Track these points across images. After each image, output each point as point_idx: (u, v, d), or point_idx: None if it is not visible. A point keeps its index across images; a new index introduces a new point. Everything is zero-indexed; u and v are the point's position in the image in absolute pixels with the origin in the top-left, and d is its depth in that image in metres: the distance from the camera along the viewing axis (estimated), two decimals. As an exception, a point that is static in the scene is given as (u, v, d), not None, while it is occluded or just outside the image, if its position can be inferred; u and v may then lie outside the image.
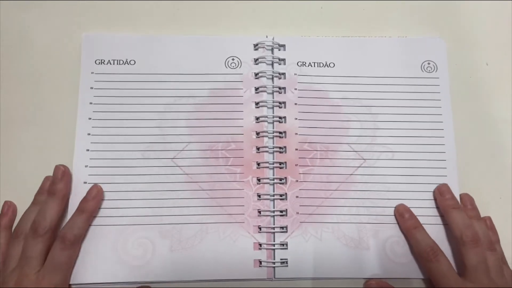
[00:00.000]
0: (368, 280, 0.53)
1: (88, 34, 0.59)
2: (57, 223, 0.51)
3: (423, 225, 0.54)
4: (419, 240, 0.52)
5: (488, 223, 0.55)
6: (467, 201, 0.55)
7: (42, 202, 0.52)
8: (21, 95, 0.58)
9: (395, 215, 0.55)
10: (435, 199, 0.55)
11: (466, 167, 0.57)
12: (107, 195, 0.54)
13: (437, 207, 0.55)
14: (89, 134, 0.56)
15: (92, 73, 0.58)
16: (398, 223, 0.55)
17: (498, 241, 0.54)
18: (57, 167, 0.53)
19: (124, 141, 0.56)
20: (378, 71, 0.59)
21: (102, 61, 0.58)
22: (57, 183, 0.52)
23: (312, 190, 0.55)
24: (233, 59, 0.59)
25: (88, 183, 0.54)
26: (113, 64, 0.58)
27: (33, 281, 0.47)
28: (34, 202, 0.53)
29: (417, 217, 0.54)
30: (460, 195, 0.56)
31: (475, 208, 0.55)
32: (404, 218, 0.54)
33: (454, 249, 0.53)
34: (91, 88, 0.57)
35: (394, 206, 0.55)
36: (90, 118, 0.56)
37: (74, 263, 0.51)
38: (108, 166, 0.55)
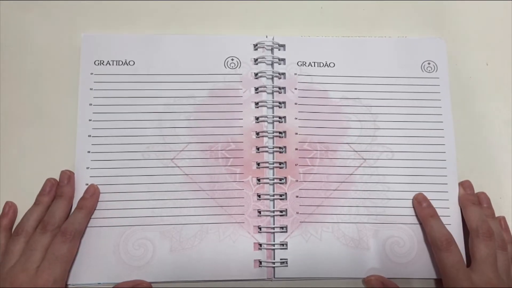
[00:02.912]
0: (367, 276, 0.53)
1: (87, 35, 0.59)
2: (64, 221, 0.52)
3: (422, 224, 0.54)
4: (434, 228, 0.52)
5: (502, 223, 0.55)
6: (483, 200, 0.56)
7: (47, 203, 0.53)
8: (21, 96, 0.58)
9: (413, 202, 0.55)
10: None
11: (466, 167, 0.57)
12: (108, 196, 0.55)
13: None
14: (89, 135, 0.56)
15: (91, 74, 0.58)
16: (415, 211, 0.55)
17: (510, 241, 0.54)
18: (63, 172, 0.55)
19: (124, 142, 0.56)
20: (378, 71, 0.59)
21: (102, 61, 0.58)
22: (64, 186, 0.54)
23: (312, 190, 0.55)
24: (232, 59, 0.59)
25: (90, 184, 0.55)
26: (112, 64, 0.58)
27: (32, 275, 0.47)
28: (36, 203, 0.54)
29: (416, 217, 0.55)
30: (477, 193, 0.56)
31: (490, 207, 0.56)
32: (422, 206, 0.54)
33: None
34: (91, 89, 0.57)
35: (394, 206, 0.55)
36: (90, 120, 0.56)
37: (74, 259, 0.52)
38: (109, 167, 0.55)
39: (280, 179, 0.56)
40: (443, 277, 0.51)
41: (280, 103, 0.57)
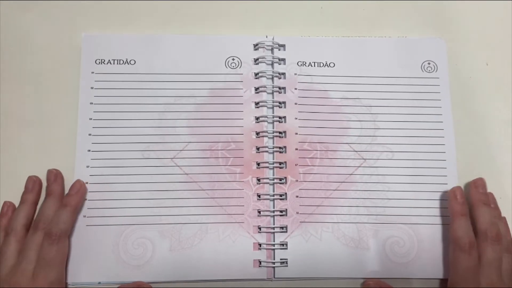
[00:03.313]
0: (366, 280, 0.53)
1: (88, 34, 0.59)
2: None
3: (421, 224, 0.55)
4: (462, 228, 0.51)
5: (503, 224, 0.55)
6: (490, 200, 0.55)
7: (31, 200, 0.53)
8: (21, 96, 0.58)
9: (449, 194, 0.54)
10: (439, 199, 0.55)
11: (466, 167, 0.57)
12: (107, 195, 0.55)
13: (440, 207, 0.55)
14: (90, 134, 0.56)
15: (92, 73, 0.58)
16: (448, 203, 0.54)
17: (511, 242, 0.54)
18: (49, 171, 0.55)
19: (124, 141, 0.56)
20: (378, 71, 0.59)
21: (103, 61, 0.58)
22: (52, 184, 0.54)
23: (312, 190, 0.55)
24: (233, 59, 0.59)
25: (90, 183, 0.55)
26: (113, 64, 0.58)
27: (29, 277, 0.47)
28: (21, 202, 0.54)
29: (416, 217, 0.55)
30: (487, 193, 0.56)
31: (497, 208, 0.55)
32: (457, 201, 0.53)
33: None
34: (92, 88, 0.57)
35: (394, 206, 0.55)
36: (91, 119, 0.56)
37: (67, 258, 0.52)
38: (109, 166, 0.55)
39: (280, 179, 0.55)
40: (452, 275, 0.50)
41: (280, 103, 0.57)
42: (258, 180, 0.55)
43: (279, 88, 0.58)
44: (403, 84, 0.58)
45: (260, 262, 0.53)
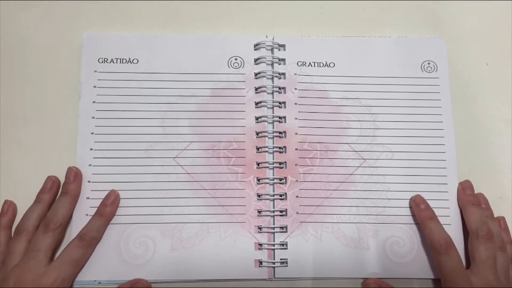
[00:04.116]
0: (366, 279, 0.53)
1: (89, 33, 0.59)
2: (68, 220, 0.53)
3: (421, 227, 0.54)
4: (433, 231, 0.52)
5: (502, 223, 0.55)
6: (481, 201, 0.56)
7: (48, 201, 0.53)
8: (22, 95, 0.58)
9: (411, 205, 0.55)
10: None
11: (466, 167, 0.57)
12: (109, 194, 0.55)
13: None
14: (92, 133, 0.56)
15: (95, 71, 0.58)
16: (414, 213, 0.55)
17: (510, 242, 0.54)
18: (70, 169, 0.54)
19: (126, 140, 0.56)
20: (378, 71, 0.59)
21: (105, 59, 0.58)
22: (70, 183, 0.54)
23: (312, 190, 0.55)
24: (236, 59, 0.59)
25: (92, 182, 0.55)
26: (116, 62, 0.58)
27: (38, 274, 0.48)
28: (36, 201, 0.54)
29: (416, 217, 0.55)
30: (476, 194, 0.56)
31: (489, 208, 0.56)
32: (420, 208, 0.54)
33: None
34: (94, 87, 0.57)
35: (394, 206, 0.55)
36: (93, 117, 0.57)
37: (84, 264, 0.52)
38: (111, 165, 0.56)
39: (280, 179, 0.56)
40: (442, 279, 0.51)
41: (280, 103, 0.57)
42: (258, 180, 0.55)
43: (279, 88, 0.58)
44: (403, 84, 0.58)
45: (260, 262, 0.53)
